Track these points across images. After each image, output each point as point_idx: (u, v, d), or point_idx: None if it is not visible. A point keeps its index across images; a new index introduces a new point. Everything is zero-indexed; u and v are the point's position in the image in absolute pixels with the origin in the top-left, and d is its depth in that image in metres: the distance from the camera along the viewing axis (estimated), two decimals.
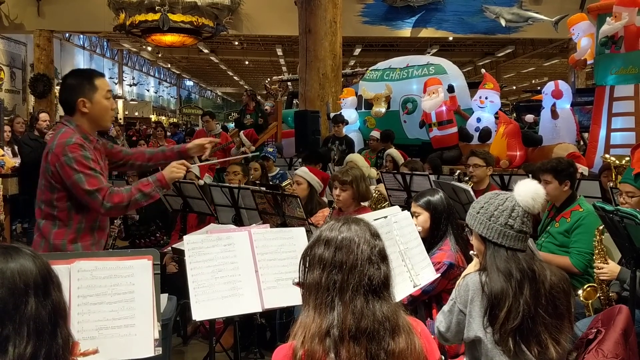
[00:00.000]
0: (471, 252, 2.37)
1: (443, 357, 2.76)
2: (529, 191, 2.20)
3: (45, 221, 2.78)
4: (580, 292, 3.28)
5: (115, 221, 4.95)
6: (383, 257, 1.65)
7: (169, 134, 16.08)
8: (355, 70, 16.77)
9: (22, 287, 1.39)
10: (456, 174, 5.31)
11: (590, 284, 3.33)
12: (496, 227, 2.17)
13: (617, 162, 4.75)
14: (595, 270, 3.30)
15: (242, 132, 9.59)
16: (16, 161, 7.02)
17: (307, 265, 1.64)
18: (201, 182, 4.92)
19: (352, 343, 1.54)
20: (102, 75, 2.95)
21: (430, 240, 3.19)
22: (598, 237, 3.32)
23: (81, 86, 2.80)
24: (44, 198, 2.76)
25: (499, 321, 2.06)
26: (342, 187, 3.92)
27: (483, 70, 9.61)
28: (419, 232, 3.12)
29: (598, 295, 3.29)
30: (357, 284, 1.58)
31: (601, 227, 3.28)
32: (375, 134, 8.43)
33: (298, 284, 1.68)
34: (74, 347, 1.48)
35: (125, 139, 10.30)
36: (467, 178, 4.90)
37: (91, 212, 2.81)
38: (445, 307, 2.29)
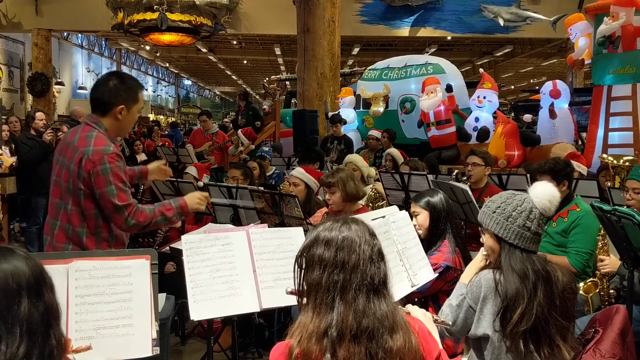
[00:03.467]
0: (482, 249, 2.38)
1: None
2: (546, 194, 2.21)
3: (73, 226, 2.70)
4: (581, 284, 3.29)
5: None
6: (382, 256, 1.66)
7: (167, 132, 16.12)
8: (354, 69, 16.79)
9: (15, 288, 1.40)
10: (454, 173, 5.32)
11: (591, 279, 3.35)
12: (514, 228, 2.18)
13: (615, 162, 4.76)
14: (597, 263, 3.32)
15: (240, 130, 9.58)
16: (14, 160, 7.00)
17: (303, 267, 1.64)
18: (200, 183, 4.92)
19: (352, 342, 1.54)
20: (143, 87, 2.98)
21: (429, 239, 3.19)
22: (602, 232, 3.33)
23: (127, 93, 2.78)
24: (73, 201, 2.68)
25: (511, 323, 2.07)
26: (330, 190, 3.91)
27: (481, 70, 9.61)
28: (419, 232, 3.13)
29: (598, 290, 3.30)
30: (360, 283, 1.58)
31: None
32: (374, 133, 8.41)
33: (292, 292, 1.68)
34: (66, 344, 1.49)
35: (123, 140, 10.27)
36: (465, 178, 4.91)
37: None
38: (454, 301, 2.29)
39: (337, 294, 1.57)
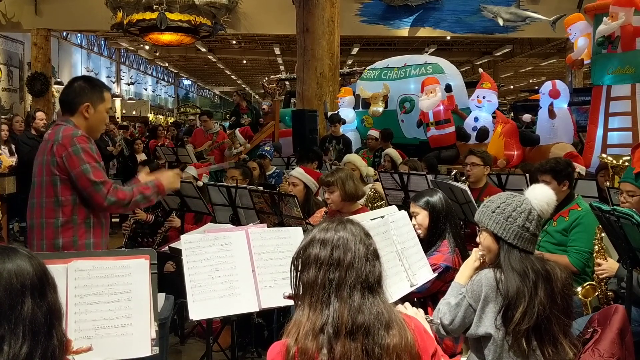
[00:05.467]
0: (475, 250, 2.39)
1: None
2: (544, 196, 2.26)
3: (48, 219, 2.74)
4: (579, 289, 3.29)
5: (127, 221, 4.95)
6: (377, 256, 1.69)
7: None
8: (353, 69, 16.79)
9: (19, 288, 1.39)
10: (453, 173, 5.32)
11: (589, 282, 3.35)
12: (513, 228, 2.21)
13: (614, 161, 4.76)
14: (595, 267, 3.32)
15: (237, 129, 9.60)
16: (13, 160, 7.02)
17: (299, 268, 1.66)
18: (200, 183, 4.92)
19: (348, 339, 1.55)
20: (110, 90, 3.06)
21: (429, 239, 3.19)
22: (598, 236, 3.33)
23: (91, 92, 2.86)
24: (47, 194, 2.74)
25: (513, 322, 2.08)
26: (329, 189, 3.92)
27: (481, 70, 9.61)
28: (419, 232, 3.13)
29: (597, 293, 3.30)
30: (355, 280, 1.60)
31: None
32: (374, 133, 8.42)
33: (290, 296, 1.69)
34: (67, 344, 1.49)
35: (123, 140, 10.27)
36: (464, 178, 4.91)
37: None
38: (452, 300, 2.30)
39: (333, 291, 1.59)
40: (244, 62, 27.34)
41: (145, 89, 31.96)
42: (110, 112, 3.14)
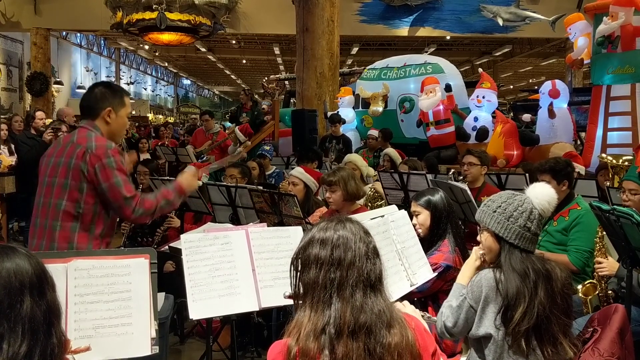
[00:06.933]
0: (475, 248, 2.39)
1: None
2: (545, 195, 2.24)
3: (64, 222, 2.72)
4: (579, 287, 3.30)
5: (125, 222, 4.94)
6: (377, 253, 1.68)
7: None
8: (353, 69, 16.78)
9: (18, 287, 1.40)
10: (450, 173, 5.32)
11: (589, 280, 3.35)
12: (514, 228, 2.20)
13: (614, 161, 4.76)
14: (595, 265, 3.32)
15: (237, 127, 9.59)
16: (13, 160, 7.01)
17: (299, 269, 1.65)
18: (199, 183, 4.91)
19: (350, 338, 1.55)
20: (129, 95, 3.10)
21: (430, 239, 3.19)
22: (600, 234, 3.33)
23: (112, 97, 2.90)
24: (69, 197, 2.72)
25: (513, 322, 2.08)
26: (331, 188, 3.92)
27: (480, 70, 9.60)
28: (419, 231, 3.12)
29: (597, 292, 3.30)
30: (357, 279, 1.60)
31: None
32: (374, 132, 8.41)
33: (290, 296, 1.69)
34: (65, 344, 1.49)
35: (123, 139, 10.29)
36: (462, 177, 4.91)
37: (112, 218, 2.84)
38: (454, 302, 2.29)
39: (334, 291, 1.58)
40: (244, 61, 27.34)
41: (145, 89, 31.95)
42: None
